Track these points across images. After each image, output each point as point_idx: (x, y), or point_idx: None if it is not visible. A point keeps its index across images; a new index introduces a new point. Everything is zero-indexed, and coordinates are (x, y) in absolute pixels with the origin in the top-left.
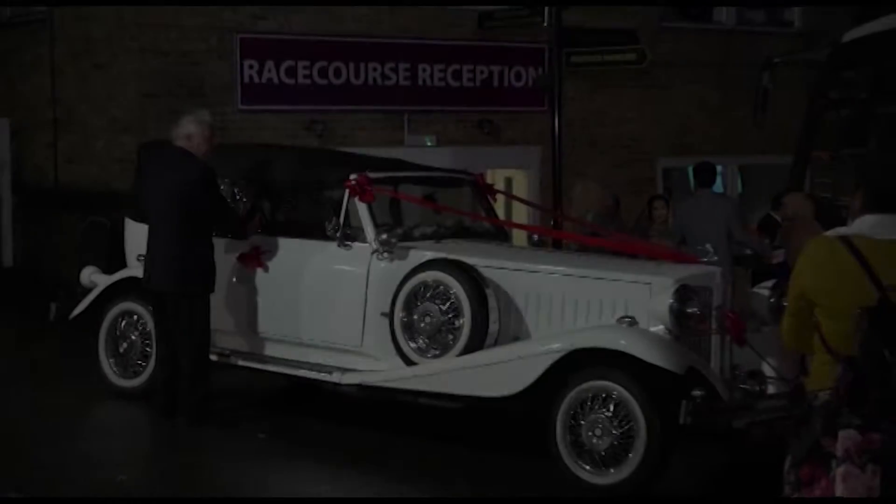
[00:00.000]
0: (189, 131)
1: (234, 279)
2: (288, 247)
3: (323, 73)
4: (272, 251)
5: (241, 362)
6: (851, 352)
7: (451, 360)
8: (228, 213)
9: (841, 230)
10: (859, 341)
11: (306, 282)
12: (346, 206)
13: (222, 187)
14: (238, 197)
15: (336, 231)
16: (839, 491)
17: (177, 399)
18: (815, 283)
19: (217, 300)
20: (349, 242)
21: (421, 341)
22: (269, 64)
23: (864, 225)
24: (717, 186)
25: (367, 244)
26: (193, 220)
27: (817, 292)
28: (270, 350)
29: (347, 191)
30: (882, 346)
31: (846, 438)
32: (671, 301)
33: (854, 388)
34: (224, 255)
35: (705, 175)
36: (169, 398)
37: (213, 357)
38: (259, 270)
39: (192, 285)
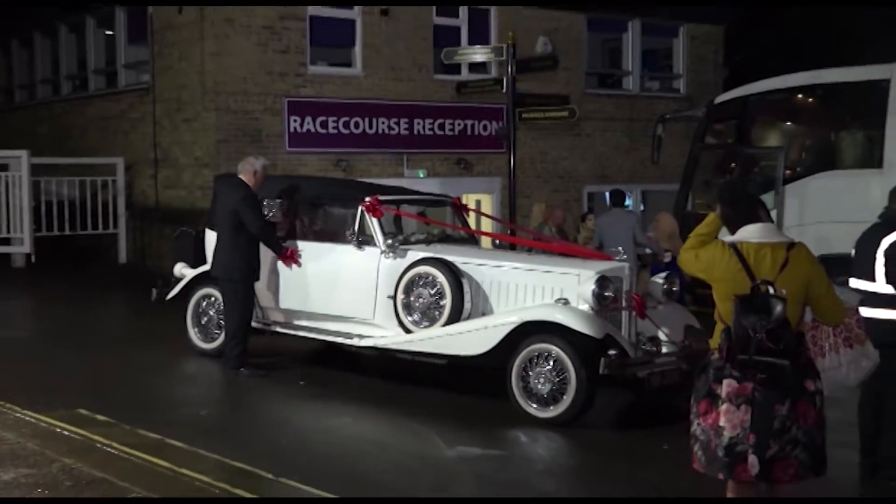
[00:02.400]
0: (254, 168)
1: (282, 272)
2: (321, 248)
3: (346, 125)
4: (310, 251)
5: (287, 331)
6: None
7: (437, 329)
8: (264, 228)
9: (729, 238)
10: (733, 319)
11: (335, 273)
12: (362, 219)
13: (272, 205)
14: (282, 210)
15: (355, 237)
16: (722, 421)
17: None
18: (710, 274)
19: (270, 287)
20: (365, 245)
21: (416, 316)
22: (308, 119)
23: (745, 232)
24: (627, 205)
25: (377, 247)
26: (237, 229)
27: (712, 280)
28: (309, 322)
29: (363, 209)
30: (746, 325)
31: (727, 385)
32: (593, 287)
33: (729, 351)
34: (271, 255)
35: (617, 197)
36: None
37: (277, 328)
38: (302, 264)
39: (234, 274)
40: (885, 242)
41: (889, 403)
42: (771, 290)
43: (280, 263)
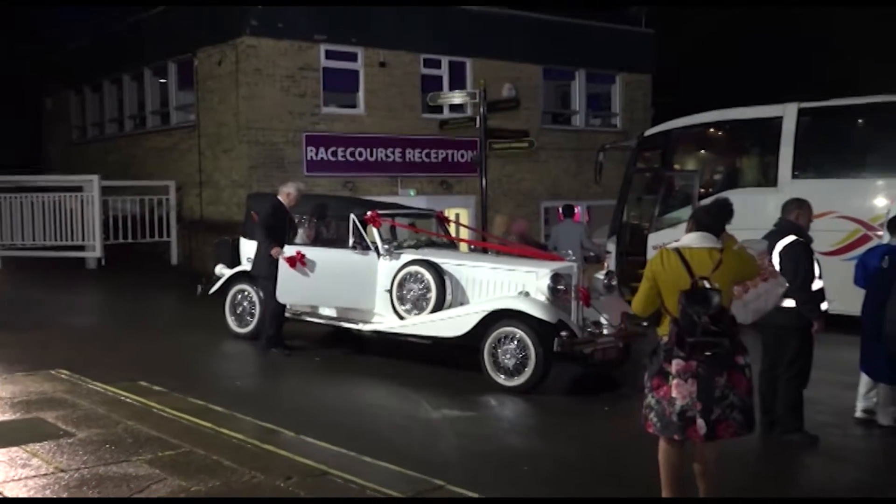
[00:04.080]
0: (288, 190)
1: (303, 274)
2: (333, 252)
3: (352, 154)
4: (324, 255)
5: (307, 318)
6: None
7: (424, 317)
8: (281, 234)
9: (672, 244)
10: (679, 310)
11: (343, 272)
12: (365, 229)
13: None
14: (306, 223)
15: (359, 243)
16: (674, 393)
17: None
18: (658, 275)
19: (294, 285)
20: (367, 250)
21: (408, 305)
22: (322, 149)
23: (687, 239)
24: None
25: (377, 251)
26: (264, 235)
27: (660, 280)
28: (322, 311)
29: (365, 221)
30: (692, 313)
31: (677, 364)
32: (548, 282)
33: (678, 337)
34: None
35: (568, 210)
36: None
37: (301, 317)
38: (318, 266)
39: (260, 271)
40: (780, 245)
41: (783, 373)
42: (707, 285)
43: (303, 267)
